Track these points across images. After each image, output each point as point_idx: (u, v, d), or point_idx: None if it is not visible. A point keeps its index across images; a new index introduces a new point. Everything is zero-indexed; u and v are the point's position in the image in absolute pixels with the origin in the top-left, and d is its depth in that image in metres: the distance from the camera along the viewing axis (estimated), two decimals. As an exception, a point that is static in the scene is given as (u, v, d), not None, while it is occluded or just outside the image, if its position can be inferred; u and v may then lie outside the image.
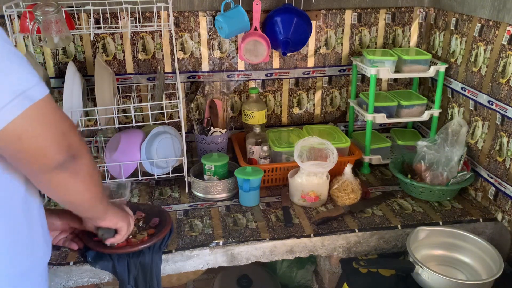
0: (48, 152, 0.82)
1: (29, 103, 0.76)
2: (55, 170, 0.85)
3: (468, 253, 1.33)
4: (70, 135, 0.86)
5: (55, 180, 0.88)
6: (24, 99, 0.75)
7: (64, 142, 0.84)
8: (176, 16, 1.68)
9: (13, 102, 0.74)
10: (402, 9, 1.83)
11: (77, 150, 0.87)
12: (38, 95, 0.78)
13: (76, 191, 0.94)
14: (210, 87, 1.79)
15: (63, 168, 0.86)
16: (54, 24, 1.30)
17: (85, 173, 0.92)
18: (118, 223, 1.18)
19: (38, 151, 0.81)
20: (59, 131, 0.83)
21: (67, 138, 0.85)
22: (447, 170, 1.53)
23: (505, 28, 1.37)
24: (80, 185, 0.93)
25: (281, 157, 1.65)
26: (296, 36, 1.68)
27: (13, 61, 0.76)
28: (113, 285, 1.41)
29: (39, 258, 0.97)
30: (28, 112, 0.76)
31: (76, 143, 0.87)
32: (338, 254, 1.41)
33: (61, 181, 0.89)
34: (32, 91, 0.77)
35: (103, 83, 1.47)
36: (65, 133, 0.84)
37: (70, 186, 0.91)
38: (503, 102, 1.39)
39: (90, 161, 0.94)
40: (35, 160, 0.82)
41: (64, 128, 0.84)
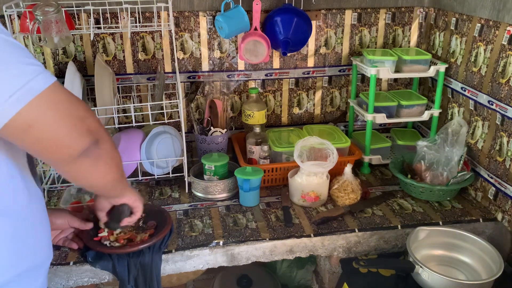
0: (69, 141, 0.81)
1: (34, 94, 0.75)
2: (79, 158, 0.84)
3: (468, 253, 1.33)
4: (88, 119, 0.84)
5: (78, 168, 0.87)
6: (28, 91, 0.74)
7: (83, 127, 0.83)
8: (176, 16, 1.68)
9: (17, 94, 0.73)
10: (402, 9, 1.83)
11: (98, 134, 0.86)
12: (43, 85, 0.77)
13: (98, 175, 0.94)
14: (210, 87, 1.79)
15: (86, 155, 0.85)
16: (54, 24, 1.30)
17: (107, 156, 0.92)
18: (135, 202, 1.19)
19: (56, 140, 0.80)
20: (76, 116, 0.81)
21: (85, 123, 0.83)
22: (447, 170, 1.53)
23: (505, 28, 1.37)
24: (102, 169, 0.93)
25: (281, 157, 1.65)
26: (296, 36, 1.68)
27: (12, 53, 0.75)
28: (113, 285, 1.41)
29: (41, 261, 0.97)
30: (34, 103, 0.75)
31: (96, 126, 0.86)
32: (338, 254, 1.41)
33: (84, 167, 0.88)
34: (35, 82, 0.76)
35: (103, 83, 1.47)
36: (83, 118, 0.83)
37: (93, 171, 0.91)
38: (503, 102, 1.39)
39: (111, 143, 0.93)
40: (57, 150, 0.81)
41: (81, 112, 0.83)
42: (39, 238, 0.96)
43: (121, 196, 1.16)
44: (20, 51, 0.77)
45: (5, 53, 0.74)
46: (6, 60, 0.74)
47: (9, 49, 0.75)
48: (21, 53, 0.77)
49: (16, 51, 0.76)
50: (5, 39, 0.75)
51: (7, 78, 0.73)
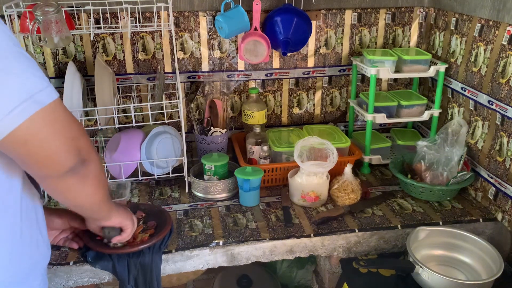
0: (58, 158, 0.82)
1: (38, 107, 0.75)
2: (65, 175, 0.85)
3: (468, 253, 1.33)
4: (80, 139, 0.85)
5: (64, 185, 0.88)
6: (32, 103, 0.74)
7: (74, 147, 0.84)
8: (176, 16, 1.68)
9: (22, 106, 0.73)
10: (402, 9, 1.83)
11: (86, 155, 0.87)
12: (47, 99, 0.77)
13: (84, 195, 0.95)
14: (210, 87, 1.79)
15: (73, 173, 0.86)
16: (54, 24, 1.30)
17: (94, 176, 0.92)
18: (122, 222, 1.18)
19: (47, 156, 0.81)
20: (69, 136, 0.83)
21: (76, 143, 0.84)
22: (447, 170, 1.53)
23: (505, 28, 1.37)
24: (89, 188, 0.93)
25: (281, 157, 1.65)
26: (296, 36, 1.68)
27: (22, 63, 0.75)
28: (113, 285, 1.41)
29: (38, 261, 0.96)
30: (36, 117, 0.75)
31: (86, 147, 0.87)
32: (338, 254, 1.41)
33: (70, 185, 0.89)
34: (41, 95, 0.76)
35: (103, 83, 1.47)
36: (75, 137, 0.84)
37: (79, 190, 0.92)
38: (503, 102, 1.39)
39: (98, 165, 0.94)
40: (44, 165, 0.82)
41: (74, 132, 0.84)
42: (35, 240, 0.95)
43: (107, 218, 1.14)
44: (29, 62, 0.77)
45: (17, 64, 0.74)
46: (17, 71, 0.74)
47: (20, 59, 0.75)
48: (30, 64, 0.77)
49: (27, 62, 0.76)
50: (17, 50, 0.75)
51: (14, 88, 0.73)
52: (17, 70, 0.74)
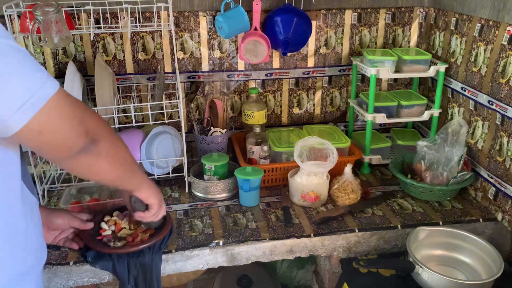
0: (68, 142, 0.86)
1: (44, 101, 0.78)
2: (77, 155, 0.88)
3: (468, 253, 1.33)
4: (87, 120, 0.88)
5: (79, 164, 0.91)
6: (39, 98, 0.77)
7: (81, 129, 0.87)
8: (176, 16, 1.68)
9: (30, 101, 0.76)
10: (402, 9, 1.83)
11: (95, 134, 0.90)
12: (51, 90, 0.80)
13: (102, 170, 0.98)
14: (210, 87, 1.79)
15: (85, 153, 0.89)
16: (54, 24, 1.30)
17: (108, 153, 0.95)
18: (150, 198, 1.20)
19: (60, 141, 0.85)
20: (76, 120, 0.86)
21: (84, 124, 0.87)
22: (447, 170, 1.53)
23: (505, 28, 1.37)
24: (105, 165, 0.96)
25: (281, 157, 1.65)
26: (296, 36, 1.68)
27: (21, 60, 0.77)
28: (113, 285, 1.41)
29: (33, 265, 0.96)
30: (45, 108, 0.78)
31: (94, 127, 0.90)
32: (338, 254, 1.41)
33: (85, 164, 0.92)
34: (45, 88, 0.79)
35: (103, 83, 1.47)
36: (81, 119, 0.87)
37: (95, 167, 0.95)
38: (503, 102, 1.39)
39: (111, 141, 0.96)
40: (57, 150, 0.86)
41: (80, 115, 0.87)
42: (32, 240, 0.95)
43: (137, 190, 1.18)
44: (27, 58, 0.79)
45: (16, 62, 0.76)
46: (17, 69, 0.76)
47: (18, 57, 0.77)
48: (28, 60, 0.79)
49: (24, 59, 0.78)
50: (14, 46, 0.77)
51: (18, 86, 0.75)
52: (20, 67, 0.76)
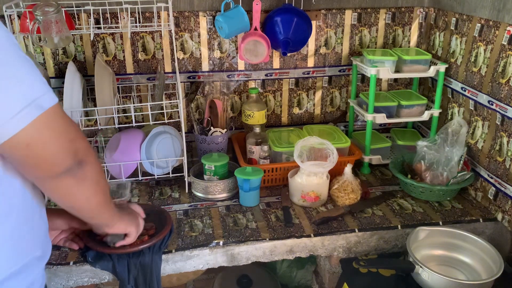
0: (56, 159, 0.83)
1: (40, 112, 0.77)
2: (62, 176, 0.86)
3: (468, 253, 1.33)
4: (77, 141, 0.87)
5: (61, 186, 0.89)
6: (35, 108, 0.76)
7: (71, 149, 0.85)
8: (176, 16, 1.68)
9: (25, 110, 0.74)
10: (402, 9, 1.83)
11: (84, 156, 0.88)
12: (48, 103, 0.78)
13: (82, 197, 0.95)
14: (210, 87, 1.79)
15: (70, 174, 0.87)
16: (54, 24, 1.30)
17: (92, 179, 0.93)
18: (126, 229, 1.18)
19: (46, 158, 0.82)
20: (67, 138, 0.84)
21: (74, 145, 0.86)
22: (447, 170, 1.53)
23: (505, 28, 1.37)
24: (86, 191, 0.94)
25: (281, 157, 1.65)
26: (296, 36, 1.68)
27: (25, 68, 0.76)
28: (113, 285, 1.41)
29: (37, 259, 0.97)
30: (38, 121, 0.76)
31: (83, 149, 0.88)
32: (338, 254, 1.41)
33: (67, 187, 0.89)
34: (43, 100, 0.77)
35: (103, 83, 1.47)
36: (72, 139, 0.85)
37: (76, 192, 0.92)
38: (503, 102, 1.39)
39: (97, 168, 0.94)
40: (42, 166, 0.83)
41: (72, 135, 0.85)
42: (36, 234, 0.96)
43: (110, 225, 1.14)
44: (32, 68, 0.78)
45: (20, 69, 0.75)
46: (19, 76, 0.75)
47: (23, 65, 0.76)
48: (33, 70, 0.78)
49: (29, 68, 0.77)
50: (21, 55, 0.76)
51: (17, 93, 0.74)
52: (20, 75, 0.75)
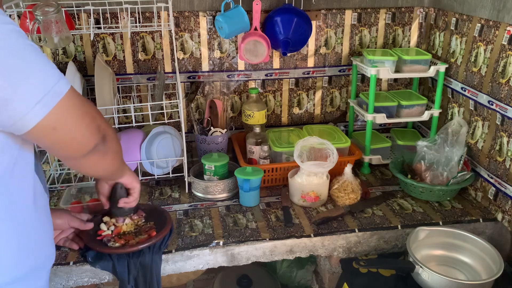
0: (83, 139, 0.88)
1: (59, 97, 0.80)
2: (89, 154, 0.91)
3: (468, 253, 1.33)
4: (98, 118, 0.92)
5: (89, 162, 0.95)
6: (54, 93, 0.79)
7: (94, 126, 0.90)
8: (176, 16, 1.68)
9: (46, 97, 0.78)
10: (402, 9, 1.83)
11: (105, 131, 0.94)
12: (65, 88, 0.82)
13: (105, 167, 1.04)
14: (210, 87, 1.79)
15: (95, 151, 0.92)
16: (54, 24, 1.30)
17: (113, 150, 0.99)
18: (133, 182, 1.24)
19: (75, 138, 0.87)
20: (89, 117, 0.89)
21: (95, 121, 0.90)
22: (447, 170, 1.53)
23: (505, 28, 1.37)
24: (109, 161, 1.01)
25: (281, 157, 1.65)
26: (296, 36, 1.68)
27: (39, 57, 0.79)
28: (113, 285, 1.41)
29: (44, 260, 0.97)
30: (60, 105, 0.80)
31: (103, 124, 0.94)
32: (338, 254, 1.41)
33: (94, 161, 0.96)
34: (60, 85, 0.81)
35: (103, 83, 1.47)
36: (93, 117, 0.90)
37: (101, 164, 0.99)
38: (503, 102, 1.39)
39: (116, 140, 1.01)
40: (72, 147, 0.88)
41: (92, 113, 0.90)
42: (43, 237, 0.97)
43: (122, 176, 1.21)
44: (42, 56, 0.81)
45: (33, 59, 0.78)
46: (34, 65, 0.78)
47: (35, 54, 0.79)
48: (44, 57, 0.81)
49: (40, 56, 0.80)
50: (31, 44, 0.79)
51: (36, 82, 0.77)
52: (36, 65, 0.78)
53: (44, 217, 0.97)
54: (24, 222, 0.89)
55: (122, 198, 1.26)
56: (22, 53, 0.76)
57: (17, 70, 0.75)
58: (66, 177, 1.64)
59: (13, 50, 0.75)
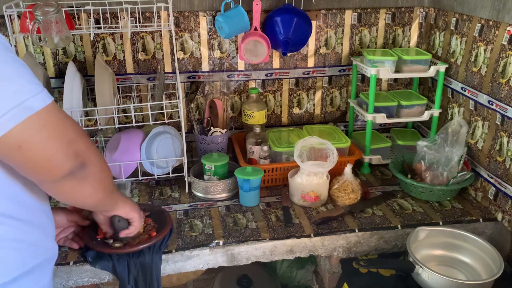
0: (55, 162, 0.82)
1: (29, 113, 0.76)
2: (64, 179, 0.85)
3: (468, 253, 1.33)
4: (78, 142, 0.85)
5: (63, 188, 0.89)
6: (24, 109, 0.75)
7: (71, 151, 0.84)
8: (176, 16, 1.68)
9: (13, 111, 0.74)
10: (402, 9, 1.83)
11: (85, 157, 0.87)
12: (39, 104, 0.77)
13: (85, 195, 0.95)
14: (210, 87, 1.79)
15: (71, 177, 0.86)
16: (54, 24, 1.30)
17: (94, 177, 0.93)
18: (129, 213, 1.19)
19: (44, 161, 0.81)
20: (65, 140, 0.83)
21: (73, 146, 0.84)
22: (447, 170, 1.53)
23: (505, 28, 1.37)
24: (88, 189, 0.94)
25: (281, 157, 1.65)
26: (296, 36, 1.68)
27: (14, 69, 0.76)
28: (113, 285, 1.41)
29: (47, 257, 0.98)
30: (28, 122, 0.75)
31: (84, 149, 0.87)
32: (338, 254, 1.41)
33: (70, 188, 0.89)
34: (33, 101, 0.76)
35: (103, 83, 1.47)
36: (71, 141, 0.84)
37: (79, 191, 0.92)
38: (503, 102, 1.39)
39: (99, 166, 0.94)
40: (41, 170, 0.82)
41: (71, 135, 0.84)
42: (46, 234, 0.97)
43: (114, 209, 1.16)
44: (22, 68, 0.77)
45: (8, 69, 0.74)
46: (8, 76, 0.74)
47: (12, 65, 0.75)
48: (23, 70, 0.77)
49: (19, 68, 0.76)
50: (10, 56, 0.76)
51: (5, 94, 0.73)
52: (8, 76, 0.74)
53: (45, 215, 0.97)
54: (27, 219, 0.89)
55: (122, 231, 1.21)
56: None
57: None
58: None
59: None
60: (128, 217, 1.20)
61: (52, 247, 1.00)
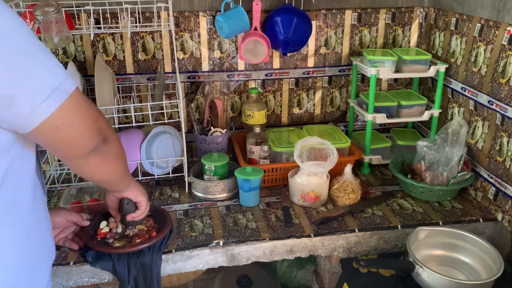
0: (84, 139, 0.89)
1: (66, 96, 0.80)
2: (89, 155, 0.91)
3: (468, 253, 1.33)
4: (100, 120, 0.92)
5: (89, 164, 0.95)
6: (61, 92, 0.80)
7: (95, 127, 0.90)
8: (176, 16, 1.68)
9: (53, 95, 0.78)
10: (402, 9, 1.83)
11: (106, 133, 0.94)
12: (71, 87, 0.82)
13: (106, 170, 1.02)
14: (210, 87, 1.79)
15: (95, 152, 0.92)
16: (54, 24, 1.30)
17: (114, 153, 0.99)
18: (138, 196, 1.24)
19: (74, 139, 0.87)
20: (91, 118, 0.89)
21: (97, 123, 0.91)
22: (447, 170, 1.53)
23: (505, 28, 1.37)
24: (110, 164, 1.01)
25: (281, 157, 1.65)
26: (296, 36, 1.68)
27: (46, 55, 0.79)
28: (113, 285, 1.41)
29: (45, 256, 0.98)
30: (65, 104, 0.80)
31: (105, 126, 0.94)
32: (338, 254, 1.41)
33: (94, 163, 0.96)
34: (66, 84, 0.81)
35: (103, 83, 1.47)
36: (95, 119, 0.90)
37: (102, 167, 0.99)
38: (503, 102, 1.39)
39: (117, 142, 1.01)
40: (72, 147, 0.88)
41: (94, 114, 0.90)
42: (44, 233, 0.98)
43: (125, 190, 1.20)
44: (50, 55, 0.81)
45: (39, 55, 0.78)
46: (42, 63, 0.78)
47: (42, 51, 0.79)
48: (51, 56, 0.81)
49: (47, 53, 0.80)
50: (40, 44, 0.79)
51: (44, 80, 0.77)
52: (44, 62, 0.78)
53: (43, 213, 0.98)
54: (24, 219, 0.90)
55: (129, 214, 1.26)
56: (28, 51, 0.76)
57: (23, 68, 0.74)
58: (66, 177, 1.64)
59: (19, 47, 0.74)
60: (137, 200, 1.24)
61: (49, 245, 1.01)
